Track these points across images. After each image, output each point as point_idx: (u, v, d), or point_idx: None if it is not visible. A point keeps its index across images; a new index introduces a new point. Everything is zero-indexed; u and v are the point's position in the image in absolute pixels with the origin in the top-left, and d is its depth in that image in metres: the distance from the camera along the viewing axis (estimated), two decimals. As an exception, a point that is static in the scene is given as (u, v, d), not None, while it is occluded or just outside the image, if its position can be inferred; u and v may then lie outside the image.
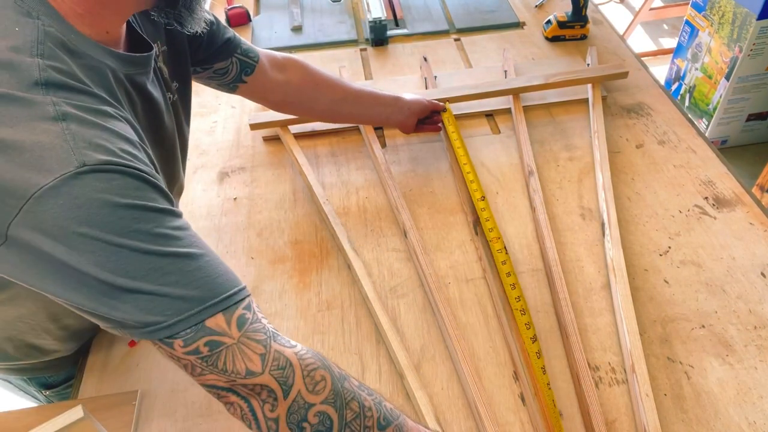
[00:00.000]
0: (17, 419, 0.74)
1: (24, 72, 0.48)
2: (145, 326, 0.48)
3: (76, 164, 0.45)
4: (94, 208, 0.45)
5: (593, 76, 1.19)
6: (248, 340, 0.50)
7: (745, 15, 1.95)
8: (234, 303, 0.50)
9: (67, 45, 0.52)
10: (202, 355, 0.49)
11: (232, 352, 0.49)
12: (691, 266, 0.89)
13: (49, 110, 0.47)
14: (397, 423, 0.55)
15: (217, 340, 0.49)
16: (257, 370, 0.50)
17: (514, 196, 1.02)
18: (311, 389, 0.51)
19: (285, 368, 0.51)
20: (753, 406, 0.72)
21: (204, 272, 0.50)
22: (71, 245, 0.45)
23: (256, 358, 0.50)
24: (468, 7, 1.56)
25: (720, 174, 1.03)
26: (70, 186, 0.44)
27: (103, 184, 0.46)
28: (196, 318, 0.48)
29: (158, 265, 0.47)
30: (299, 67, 0.95)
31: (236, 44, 0.85)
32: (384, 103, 1.02)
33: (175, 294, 0.48)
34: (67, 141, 0.46)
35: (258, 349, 0.50)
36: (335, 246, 0.96)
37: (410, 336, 0.83)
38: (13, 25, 0.50)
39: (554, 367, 0.78)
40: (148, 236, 0.47)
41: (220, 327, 0.49)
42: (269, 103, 0.98)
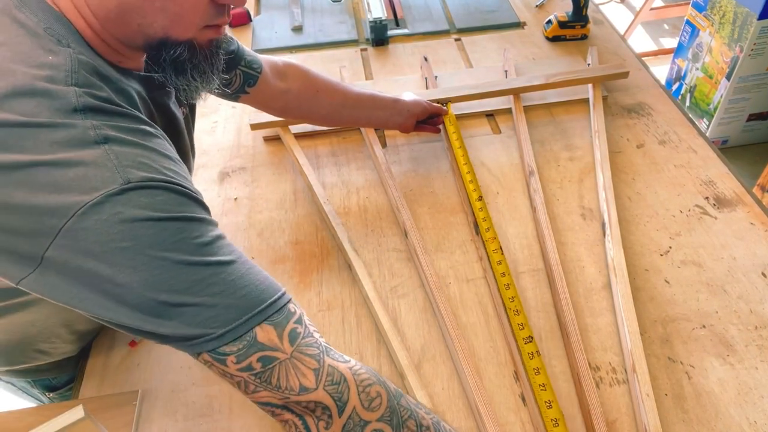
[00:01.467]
0: (18, 419, 0.74)
1: (62, 100, 0.47)
2: (194, 339, 0.48)
3: (120, 181, 0.45)
4: (138, 223, 0.45)
5: (594, 76, 1.19)
6: (301, 355, 0.49)
7: (745, 15, 1.95)
8: (279, 309, 0.50)
9: (98, 70, 0.52)
10: (256, 371, 0.48)
11: (286, 368, 0.49)
12: (692, 266, 0.89)
13: (90, 134, 0.47)
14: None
15: (270, 356, 0.48)
16: (311, 386, 0.49)
17: (515, 196, 1.02)
18: (367, 406, 0.50)
19: (339, 383, 0.50)
20: (754, 406, 0.72)
21: (246, 280, 0.50)
22: (114, 261, 0.45)
23: (310, 374, 0.49)
24: (468, 7, 1.56)
25: (721, 174, 1.03)
26: (114, 202, 0.45)
27: (147, 200, 0.46)
28: (243, 327, 0.48)
29: (201, 276, 0.47)
30: (300, 73, 0.95)
31: (240, 56, 0.85)
32: (383, 106, 1.02)
33: (221, 304, 0.47)
34: (111, 160, 0.46)
35: (311, 364, 0.49)
36: (336, 246, 0.96)
37: (411, 336, 0.83)
38: (46, 54, 0.49)
39: (555, 367, 0.78)
40: (191, 247, 0.47)
41: (273, 342, 0.48)
42: (270, 110, 0.98)
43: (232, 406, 0.76)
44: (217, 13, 0.55)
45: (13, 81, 0.47)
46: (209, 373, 0.79)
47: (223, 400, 0.77)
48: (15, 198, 0.45)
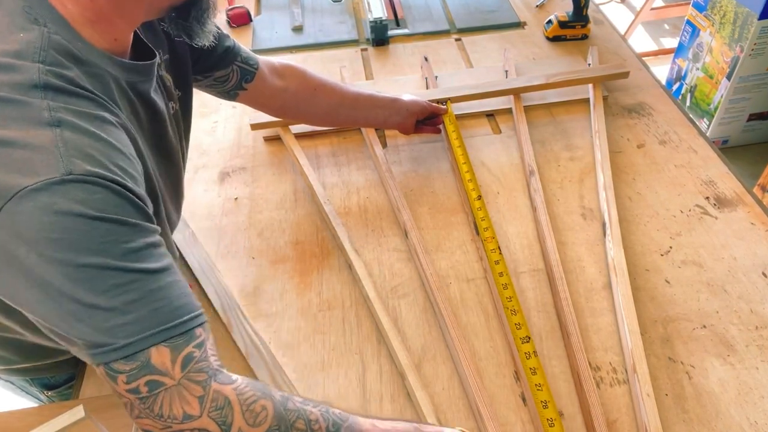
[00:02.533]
0: (18, 419, 0.74)
1: (24, 75, 0.48)
2: (98, 347, 0.47)
3: (63, 171, 0.45)
4: (71, 217, 0.45)
5: (594, 76, 1.19)
6: (189, 382, 0.49)
7: (746, 15, 1.95)
8: (186, 331, 0.50)
9: (72, 52, 0.52)
10: (141, 395, 0.48)
11: (170, 395, 0.48)
12: (693, 266, 0.89)
13: (45, 115, 0.47)
14: (347, 424, 0.55)
15: (157, 380, 0.48)
16: (195, 414, 0.49)
17: (515, 196, 1.02)
18: (252, 422, 0.50)
19: (223, 408, 0.50)
20: (754, 406, 0.72)
21: (164, 294, 0.49)
22: (41, 251, 0.45)
23: (195, 401, 0.49)
24: (469, 7, 1.56)
25: (721, 174, 1.03)
26: (52, 192, 0.45)
27: (84, 195, 0.46)
28: (144, 342, 0.48)
29: (120, 282, 0.47)
30: (297, 73, 0.95)
31: (236, 52, 0.86)
32: (381, 106, 1.02)
33: (132, 314, 0.47)
34: (58, 147, 0.46)
35: (197, 391, 0.49)
36: (336, 246, 0.96)
37: (411, 336, 0.82)
38: (18, 31, 0.50)
39: (555, 367, 0.78)
40: (117, 251, 0.47)
41: (164, 366, 0.48)
42: (268, 110, 0.98)
43: (232, 406, 0.76)
44: None
45: None
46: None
47: (224, 400, 0.77)
48: None
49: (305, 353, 0.81)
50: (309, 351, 0.82)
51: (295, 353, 0.81)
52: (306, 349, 0.82)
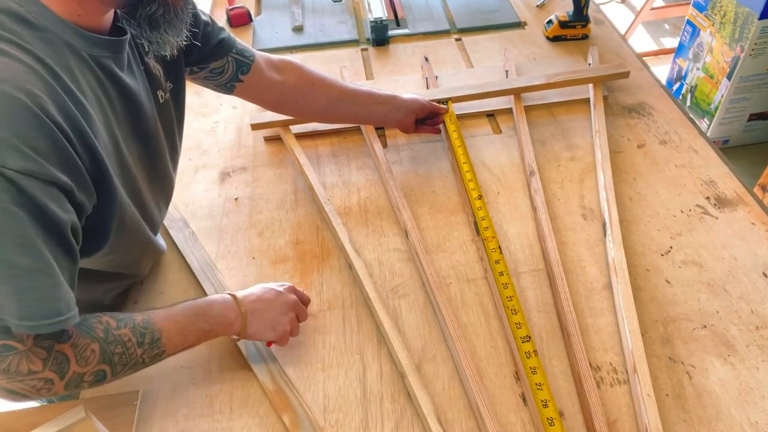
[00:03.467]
0: (19, 419, 0.74)
1: None
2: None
3: None
4: None
5: (594, 76, 1.19)
6: (37, 348, 0.56)
7: (746, 15, 1.95)
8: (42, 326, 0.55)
9: (23, 16, 0.53)
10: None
11: (19, 359, 0.56)
12: (693, 266, 0.89)
13: None
14: (150, 330, 0.65)
15: (10, 345, 0.55)
16: (38, 369, 0.57)
17: (516, 196, 1.02)
18: (83, 364, 0.60)
19: (62, 362, 0.58)
20: (755, 406, 0.72)
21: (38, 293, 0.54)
22: None
23: (39, 363, 0.57)
24: (469, 6, 1.56)
25: (721, 174, 1.03)
26: None
27: None
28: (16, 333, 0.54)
29: None
30: (295, 68, 0.95)
31: (231, 44, 0.86)
32: (381, 102, 1.02)
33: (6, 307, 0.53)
34: None
35: (42, 354, 0.57)
36: (336, 246, 0.96)
37: (411, 336, 0.82)
38: None
39: (555, 367, 0.78)
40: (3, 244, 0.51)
41: (21, 336, 0.55)
42: (266, 104, 0.98)
43: (232, 406, 0.76)
44: None
45: None
46: (210, 373, 0.79)
47: (224, 400, 0.77)
48: None
49: (305, 353, 0.81)
50: (309, 351, 0.82)
51: (295, 353, 0.81)
52: (306, 348, 0.82)
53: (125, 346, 0.63)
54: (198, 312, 0.71)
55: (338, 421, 0.74)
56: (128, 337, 0.64)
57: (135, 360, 0.65)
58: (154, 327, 0.67)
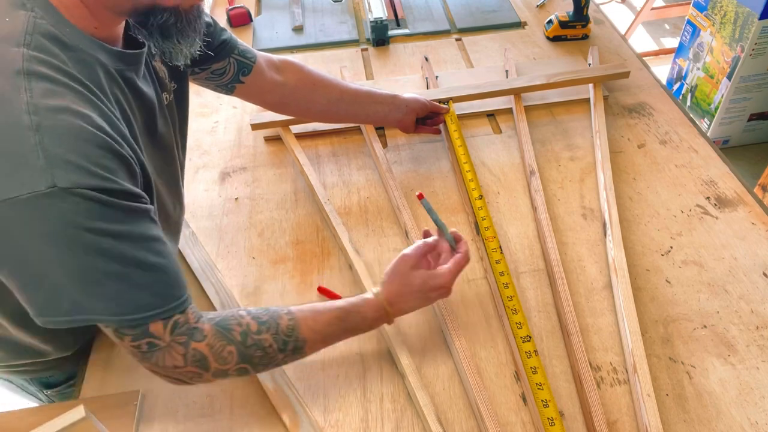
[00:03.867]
0: (19, 419, 0.74)
1: (7, 60, 0.49)
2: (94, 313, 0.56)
3: (47, 184, 0.48)
4: (60, 226, 0.50)
5: (595, 76, 1.19)
6: (175, 344, 0.61)
7: (746, 15, 1.95)
8: (172, 310, 0.59)
9: (58, 37, 0.53)
10: (143, 350, 0.60)
11: (163, 354, 0.61)
12: (693, 266, 0.89)
13: (25, 120, 0.48)
14: (293, 338, 0.67)
15: (154, 343, 0.60)
16: (181, 365, 0.62)
17: (516, 196, 1.02)
18: (222, 363, 0.64)
19: (201, 360, 0.63)
20: (755, 406, 0.72)
21: (151, 290, 0.57)
22: (33, 249, 0.50)
23: (180, 358, 0.62)
24: (469, 6, 1.56)
25: (722, 174, 1.03)
26: (41, 203, 0.48)
27: (70, 206, 0.49)
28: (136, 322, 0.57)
29: (104, 283, 0.54)
30: (296, 68, 0.95)
31: (233, 45, 0.86)
32: (381, 101, 1.02)
33: (114, 310, 0.56)
34: (39, 158, 0.48)
35: (180, 351, 0.61)
36: (336, 246, 0.96)
37: (411, 336, 0.82)
38: (3, 15, 0.51)
39: (555, 367, 0.78)
40: (104, 253, 0.53)
41: (158, 332, 0.59)
42: (267, 105, 0.98)
43: (233, 406, 0.76)
44: None
45: None
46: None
47: (224, 400, 0.77)
48: None
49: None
50: (309, 351, 0.81)
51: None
52: (306, 349, 0.82)
53: (265, 351, 0.65)
54: (347, 327, 0.72)
55: (338, 421, 0.74)
56: (269, 343, 0.65)
57: (276, 362, 0.68)
58: (299, 335, 0.67)
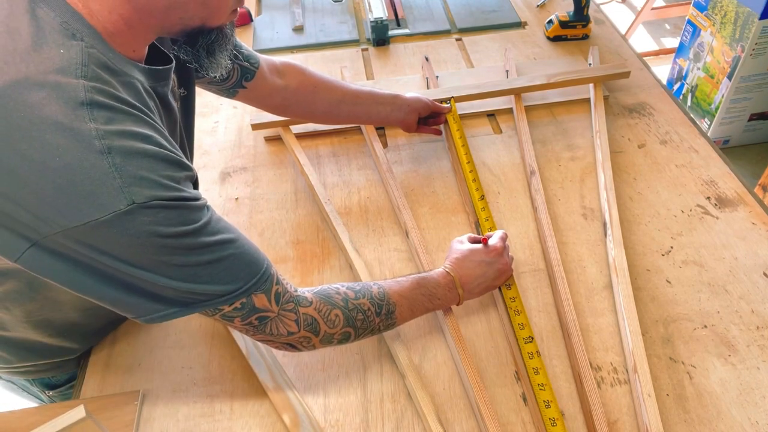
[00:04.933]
0: (19, 419, 0.74)
1: (70, 93, 0.51)
2: (200, 305, 0.61)
3: (126, 202, 0.51)
4: (143, 237, 0.53)
5: (595, 76, 1.19)
6: (285, 311, 0.66)
7: (747, 14, 1.95)
8: (264, 280, 0.64)
9: (107, 65, 0.55)
10: (255, 326, 0.65)
11: (276, 323, 0.66)
12: (694, 266, 0.89)
13: (96, 144, 0.51)
14: (386, 302, 0.73)
15: (264, 316, 0.65)
16: (295, 331, 0.67)
17: (516, 196, 1.02)
18: (331, 326, 0.69)
19: (312, 324, 0.68)
20: (755, 406, 0.72)
21: (235, 265, 0.61)
22: (124, 259, 0.54)
23: (293, 324, 0.67)
24: (469, 6, 1.56)
25: (722, 174, 1.03)
26: (122, 221, 0.52)
27: (150, 218, 0.53)
28: (234, 299, 0.62)
29: (194, 273, 0.58)
30: (297, 71, 0.95)
31: (238, 51, 0.86)
32: (383, 102, 1.02)
33: (214, 292, 0.60)
34: (116, 178, 0.51)
35: (292, 317, 0.67)
36: (337, 246, 0.96)
37: (412, 336, 0.82)
38: (58, 47, 0.52)
39: (556, 367, 0.78)
40: (188, 252, 0.57)
41: (264, 305, 0.64)
42: (268, 108, 0.98)
43: (233, 406, 0.76)
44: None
45: (26, 71, 0.51)
46: (211, 373, 0.79)
47: (225, 400, 0.77)
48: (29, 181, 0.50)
49: (305, 353, 0.81)
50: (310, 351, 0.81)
51: (295, 352, 0.81)
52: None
53: (365, 315, 0.71)
54: (426, 292, 0.77)
55: (338, 420, 0.74)
56: (367, 307, 0.72)
57: (373, 327, 0.73)
58: (390, 300, 0.73)
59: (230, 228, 0.63)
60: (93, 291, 0.57)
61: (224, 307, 0.62)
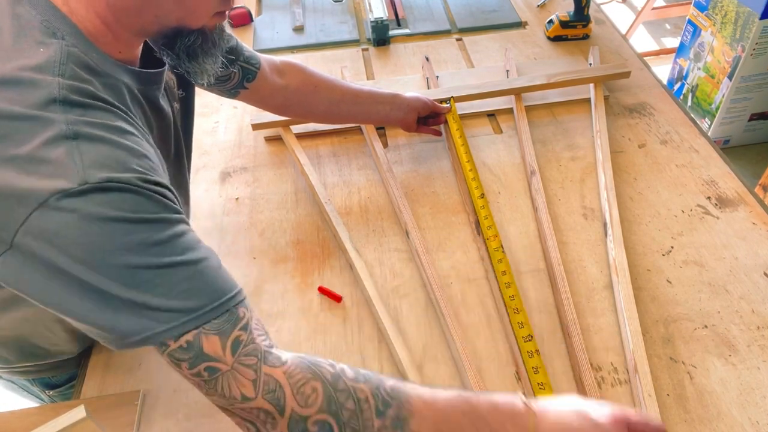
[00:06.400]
0: (20, 419, 0.74)
1: (44, 90, 0.49)
2: (137, 334, 0.50)
3: (79, 181, 0.47)
4: (92, 222, 0.47)
5: (595, 76, 1.18)
6: (241, 366, 0.52)
7: (747, 14, 1.95)
8: (225, 311, 0.52)
9: (88, 64, 0.53)
10: (204, 378, 0.52)
11: (228, 379, 0.52)
12: (694, 266, 0.89)
13: (62, 128, 0.48)
14: (396, 403, 0.54)
15: (214, 366, 0.51)
16: (251, 396, 0.52)
17: (516, 196, 1.02)
18: (303, 404, 0.53)
19: (275, 390, 0.52)
20: (756, 406, 0.72)
21: (195, 282, 0.51)
22: (72, 255, 0.47)
23: (249, 384, 0.52)
24: (470, 6, 1.56)
25: (722, 174, 1.03)
26: (73, 202, 0.46)
27: (102, 199, 0.48)
28: (181, 328, 0.50)
29: (148, 277, 0.49)
30: (298, 70, 0.95)
31: (239, 52, 0.86)
32: (382, 101, 1.02)
33: (164, 306, 0.50)
34: (74, 159, 0.47)
35: (249, 375, 0.52)
36: (337, 246, 0.96)
37: (412, 336, 0.82)
38: (38, 45, 0.51)
39: (556, 367, 0.78)
40: (141, 248, 0.49)
41: (216, 353, 0.51)
42: (269, 108, 0.99)
43: (233, 406, 0.76)
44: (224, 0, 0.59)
45: (1, 69, 0.49)
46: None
47: (225, 400, 0.77)
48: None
49: (306, 353, 0.81)
50: (310, 351, 0.82)
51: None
52: (307, 349, 0.82)
53: (359, 405, 0.53)
54: (471, 411, 0.54)
55: (339, 421, 0.74)
56: (366, 396, 0.53)
57: (368, 429, 0.53)
58: (405, 403, 0.54)
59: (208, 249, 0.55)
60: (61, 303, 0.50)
61: (170, 342, 0.50)
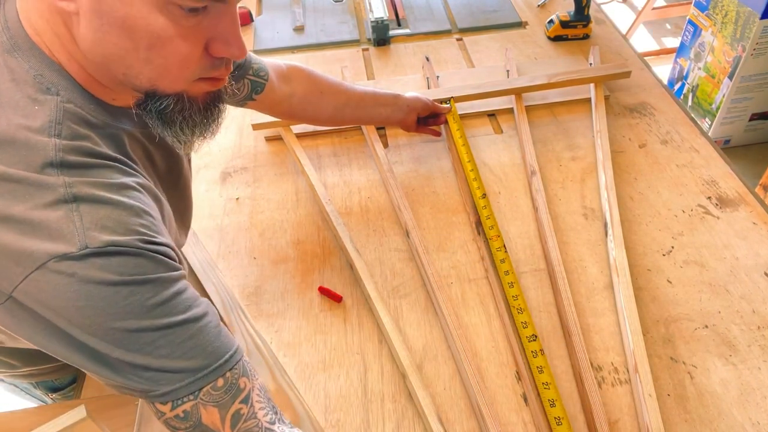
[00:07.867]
0: (20, 419, 0.74)
1: (39, 152, 0.47)
2: (142, 392, 0.50)
3: (79, 246, 0.45)
4: (92, 285, 0.46)
5: (596, 76, 1.18)
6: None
7: (748, 14, 1.95)
8: (227, 371, 0.52)
9: (85, 118, 0.51)
10: None
11: None
12: (695, 266, 0.89)
13: (61, 192, 0.46)
14: None
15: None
16: None
17: (517, 196, 1.02)
18: None
19: None
20: (756, 406, 0.72)
21: (197, 340, 0.51)
22: (70, 318, 0.46)
23: None
24: (470, 6, 1.56)
25: (723, 174, 1.03)
26: (72, 265, 0.45)
27: (102, 263, 0.46)
28: (185, 390, 0.50)
29: (150, 339, 0.48)
30: (303, 76, 0.94)
31: (248, 66, 0.84)
32: (384, 103, 1.02)
33: (166, 367, 0.49)
34: (74, 222, 0.46)
35: None
36: (337, 246, 0.96)
37: (412, 336, 0.82)
38: (32, 103, 0.48)
39: (557, 367, 0.78)
40: (142, 310, 0.48)
41: (214, 424, 0.50)
42: (275, 114, 0.97)
43: (233, 406, 0.76)
44: (213, 66, 0.52)
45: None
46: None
47: (225, 400, 0.77)
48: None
49: (306, 353, 0.81)
50: (310, 351, 0.82)
51: (296, 353, 0.81)
52: (307, 348, 0.82)
53: None
54: None
55: (339, 420, 0.74)
56: None
57: None
58: None
59: (207, 303, 0.54)
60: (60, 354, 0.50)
61: (164, 409, 0.50)
